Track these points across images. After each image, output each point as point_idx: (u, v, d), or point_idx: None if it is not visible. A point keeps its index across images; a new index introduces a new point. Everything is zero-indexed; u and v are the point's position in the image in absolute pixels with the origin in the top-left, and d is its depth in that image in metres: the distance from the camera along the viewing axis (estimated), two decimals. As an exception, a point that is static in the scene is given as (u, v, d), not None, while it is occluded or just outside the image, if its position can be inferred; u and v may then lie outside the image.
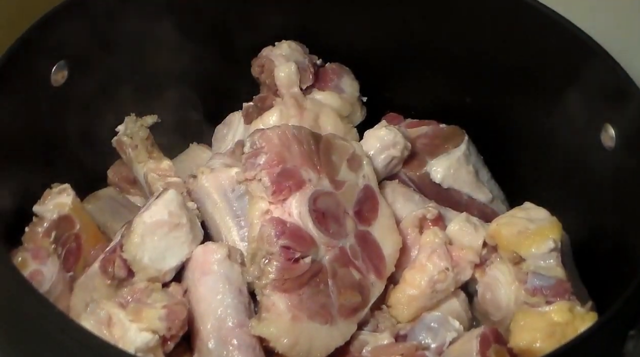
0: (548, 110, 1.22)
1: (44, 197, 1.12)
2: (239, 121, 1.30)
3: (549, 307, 1.05)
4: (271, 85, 1.27)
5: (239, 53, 1.31)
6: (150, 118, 1.23)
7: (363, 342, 1.06)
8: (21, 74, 1.10)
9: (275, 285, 1.01)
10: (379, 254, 1.10)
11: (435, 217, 1.16)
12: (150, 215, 1.05)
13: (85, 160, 1.24)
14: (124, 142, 1.21)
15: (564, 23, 1.17)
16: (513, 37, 1.22)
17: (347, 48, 1.34)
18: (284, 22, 1.32)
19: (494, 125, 1.30)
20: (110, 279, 1.05)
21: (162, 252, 1.04)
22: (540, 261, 1.08)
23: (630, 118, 1.09)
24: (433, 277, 1.10)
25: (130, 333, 0.95)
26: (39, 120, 1.15)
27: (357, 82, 1.33)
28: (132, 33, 1.23)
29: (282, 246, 1.02)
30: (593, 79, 1.14)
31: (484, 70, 1.27)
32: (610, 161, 1.12)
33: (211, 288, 1.04)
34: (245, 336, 1.02)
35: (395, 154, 1.20)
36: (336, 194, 1.09)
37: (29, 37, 1.11)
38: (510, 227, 1.10)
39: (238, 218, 1.12)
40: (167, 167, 1.18)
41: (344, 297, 1.05)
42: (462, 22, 1.26)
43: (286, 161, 1.06)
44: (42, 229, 1.10)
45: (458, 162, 1.24)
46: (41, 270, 1.07)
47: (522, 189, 1.27)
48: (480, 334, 1.02)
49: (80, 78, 1.18)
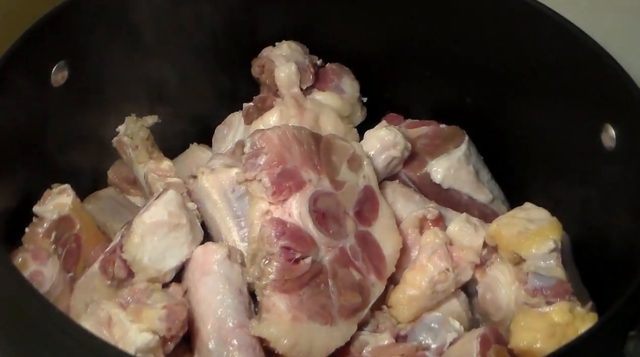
0: (548, 111, 1.22)
1: (44, 198, 1.12)
2: (239, 121, 1.30)
3: (549, 307, 1.05)
4: (271, 85, 1.27)
5: (239, 53, 1.31)
6: (151, 118, 1.23)
7: (363, 342, 1.06)
8: (21, 74, 1.10)
9: (275, 285, 1.01)
10: (379, 255, 1.10)
11: (435, 217, 1.16)
12: (150, 215, 1.05)
13: (85, 160, 1.24)
14: (124, 143, 1.21)
15: (564, 23, 1.17)
16: (513, 38, 1.22)
17: (347, 48, 1.34)
18: (284, 22, 1.32)
19: (494, 125, 1.30)
20: (110, 279, 1.05)
21: (161, 252, 1.04)
22: (541, 261, 1.08)
23: (630, 118, 1.09)
24: (433, 277, 1.09)
25: (130, 333, 0.95)
26: (39, 121, 1.15)
27: (357, 82, 1.33)
28: (132, 33, 1.23)
29: (283, 246, 1.02)
30: (593, 79, 1.14)
31: (484, 70, 1.27)
32: (610, 161, 1.12)
33: (211, 288, 1.04)
34: (246, 336, 1.02)
35: (396, 154, 1.20)
36: (336, 195, 1.09)
37: (29, 37, 1.11)
38: (511, 227, 1.10)
39: (238, 218, 1.12)
40: (168, 167, 1.18)
41: (344, 298, 1.05)
42: (463, 23, 1.26)
43: (286, 162, 1.06)
44: (42, 230, 1.10)
45: (458, 163, 1.24)
46: (41, 271, 1.07)
47: (522, 189, 1.26)
48: (481, 335, 1.02)
49: (80, 78, 1.18)
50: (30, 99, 1.13)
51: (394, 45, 1.33)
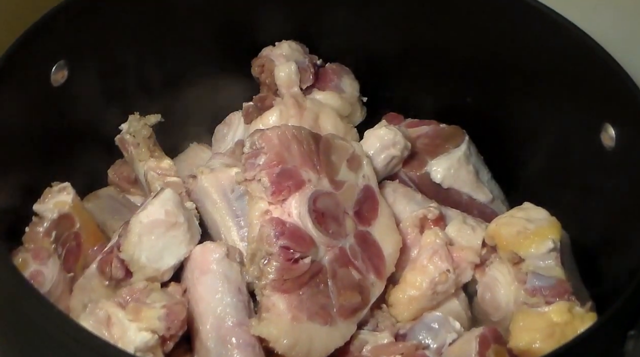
0: (548, 111, 1.22)
1: (44, 196, 1.12)
2: (239, 121, 1.30)
3: (549, 307, 1.04)
4: (271, 85, 1.27)
5: (239, 53, 1.31)
6: (154, 117, 1.23)
7: (363, 341, 1.06)
8: (21, 74, 1.10)
9: (274, 285, 1.01)
10: (379, 254, 1.10)
11: (436, 217, 1.16)
12: (147, 214, 1.05)
13: (85, 159, 1.24)
14: (126, 140, 1.21)
15: (564, 23, 1.17)
16: (513, 37, 1.22)
17: (347, 48, 1.34)
18: (284, 22, 1.32)
19: (494, 125, 1.30)
20: (107, 279, 1.05)
21: (159, 251, 1.04)
22: (540, 261, 1.08)
23: (630, 118, 1.09)
24: (434, 278, 1.09)
25: (129, 333, 0.95)
26: (39, 120, 1.15)
27: (357, 82, 1.33)
28: (132, 33, 1.23)
29: (282, 246, 1.02)
30: (593, 79, 1.14)
31: (484, 70, 1.27)
32: (610, 161, 1.12)
33: (210, 287, 1.04)
34: (245, 335, 1.02)
35: (395, 153, 1.20)
36: (336, 194, 1.09)
37: (29, 37, 1.11)
38: (510, 227, 1.10)
39: (238, 218, 1.12)
40: (168, 166, 1.18)
41: (344, 298, 1.05)
42: (463, 22, 1.26)
43: (286, 161, 1.06)
44: (42, 229, 1.10)
45: (458, 162, 1.24)
46: (42, 271, 1.06)
47: (522, 189, 1.27)
48: (480, 335, 1.02)
49: (80, 78, 1.18)
50: (30, 99, 1.13)
51: (394, 45, 1.33)
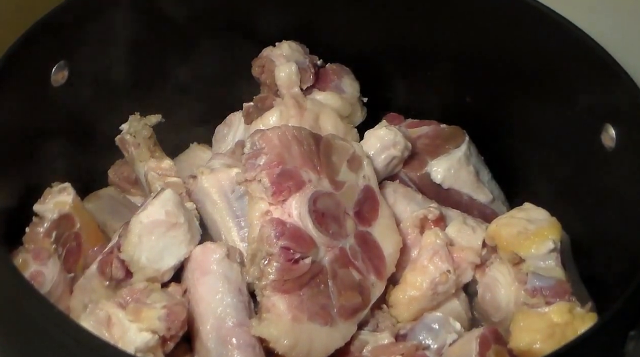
0: (548, 111, 1.22)
1: (44, 196, 1.12)
2: (239, 121, 1.30)
3: (549, 308, 1.05)
4: (271, 85, 1.27)
5: (239, 53, 1.31)
6: (155, 117, 1.23)
7: (363, 341, 1.06)
8: (21, 74, 1.10)
9: (275, 286, 1.01)
10: (379, 255, 1.10)
11: (436, 217, 1.16)
12: (147, 215, 1.04)
13: (85, 159, 1.24)
14: (126, 141, 1.21)
15: (564, 23, 1.17)
16: (513, 38, 1.22)
17: (347, 48, 1.34)
18: (285, 22, 1.32)
19: (494, 125, 1.30)
20: (108, 280, 1.05)
21: (159, 252, 1.04)
22: (540, 261, 1.08)
23: (630, 118, 1.09)
24: (434, 279, 1.09)
25: (130, 333, 0.95)
26: (39, 120, 1.15)
27: (358, 82, 1.33)
28: (132, 33, 1.23)
29: (282, 246, 1.02)
30: (593, 79, 1.14)
31: (484, 70, 1.27)
32: (610, 161, 1.12)
33: (210, 288, 1.04)
34: (245, 335, 1.02)
35: (396, 153, 1.20)
36: (336, 195, 1.09)
37: (29, 37, 1.11)
38: (510, 227, 1.10)
39: (238, 219, 1.12)
40: (168, 166, 1.18)
41: (344, 298, 1.05)
42: (463, 22, 1.26)
43: (286, 162, 1.06)
44: (42, 230, 1.10)
45: (459, 163, 1.24)
46: (42, 271, 1.06)
47: (522, 190, 1.27)
48: (480, 335, 1.02)
49: (81, 78, 1.18)
50: (30, 99, 1.13)
51: (394, 45, 1.33)
